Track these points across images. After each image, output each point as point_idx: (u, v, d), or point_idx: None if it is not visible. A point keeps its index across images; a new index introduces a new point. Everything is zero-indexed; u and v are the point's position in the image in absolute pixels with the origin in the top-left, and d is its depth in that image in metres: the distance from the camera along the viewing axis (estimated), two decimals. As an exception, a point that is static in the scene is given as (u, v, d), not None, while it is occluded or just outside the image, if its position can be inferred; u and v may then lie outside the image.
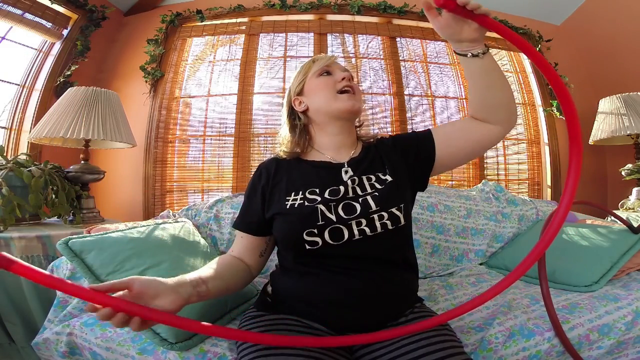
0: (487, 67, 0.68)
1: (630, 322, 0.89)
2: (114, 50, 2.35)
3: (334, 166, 0.80)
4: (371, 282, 0.69)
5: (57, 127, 1.47)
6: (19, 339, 1.21)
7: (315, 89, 0.82)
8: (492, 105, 0.71)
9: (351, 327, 0.69)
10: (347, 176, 0.77)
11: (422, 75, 2.42)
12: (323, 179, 0.77)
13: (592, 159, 2.42)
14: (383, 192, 0.73)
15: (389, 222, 0.70)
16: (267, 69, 2.34)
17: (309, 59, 0.87)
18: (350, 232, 0.69)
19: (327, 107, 0.80)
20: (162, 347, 0.76)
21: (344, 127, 0.82)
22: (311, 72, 0.84)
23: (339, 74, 0.82)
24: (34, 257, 1.23)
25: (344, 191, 0.74)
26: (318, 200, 0.72)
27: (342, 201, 0.72)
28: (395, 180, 0.75)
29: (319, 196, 0.73)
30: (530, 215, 1.55)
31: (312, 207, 0.71)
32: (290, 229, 0.71)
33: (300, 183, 0.77)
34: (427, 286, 1.18)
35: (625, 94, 1.95)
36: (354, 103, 0.79)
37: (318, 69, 0.83)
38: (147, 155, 2.17)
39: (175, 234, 1.08)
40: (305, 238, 0.69)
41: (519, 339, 0.83)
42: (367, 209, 0.70)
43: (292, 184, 0.77)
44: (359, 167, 0.79)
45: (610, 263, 1.10)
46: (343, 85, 0.80)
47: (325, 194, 0.73)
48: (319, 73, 0.83)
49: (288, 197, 0.75)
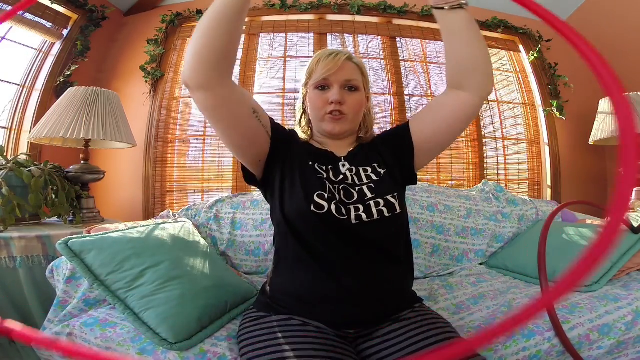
0: (467, 21, 0.66)
1: (631, 322, 0.89)
2: (114, 50, 2.35)
3: (334, 157, 0.84)
4: (365, 277, 0.71)
5: (57, 127, 1.47)
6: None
7: (310, 101, 0.84)
8: (468, 66, 0.70)
9: (351, 324, 0.70)
10: (344, 169, 0.81)
11: (422, 75, 2.42)
12: (326, 163, 0.81)
13: (592, 159, 2.42)
14: (378, 182, 0.77)
15: (385, 209, 0.73)
16: (267, 69, 2.34)
17: (318, 54, 0.85)
18: (349, 214, 0.72)
19: (315, 124, 0.86)
20: (161, 347, 0.76)
21: (337, 137, 0.86)
22: (314, 76, 0.82)
23: (333, 93, 0.80)
24: (33, 257, 1.23)
25: (343, 177, 0.79)
26: (325, 176, 0.77)
27: (341, 184, 0.77)
28: (389, 172, 0.79)
29: (325, 173, 0.78)
30: (530, 216, 1.55)
31: (322, 179, 0.76)
32: (304, 185, 0.73)
33: (312, 157, 0.81)
34: (427, 286, 1.18)
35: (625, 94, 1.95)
36: (333, 127, 0.81)
37: (317, 79, 0.81)
38: (147, 155, 2.17)
39: (175, 234, 1.08)
40: (315, 199, 0.71)
41: (519, 339, 0.83)
42: (363, 197, 0.74)
43: (306, 155, 0.82)
44: (355, 159, 0.83)
45: (610, 263, 1.10)
46: (330, 109, 0.80)
47: (330, 173, 0.79)
48: (316, 85, 0.82)
49: (303, 163, 0.79)
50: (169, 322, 0.78)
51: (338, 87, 0.80)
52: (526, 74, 2.51)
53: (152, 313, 0.80)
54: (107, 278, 0.86)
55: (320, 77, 0.80)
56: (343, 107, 0.80)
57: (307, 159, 0.80)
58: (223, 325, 0.87)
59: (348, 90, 0.82)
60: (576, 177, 2.37)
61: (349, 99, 0.81)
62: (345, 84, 0.81)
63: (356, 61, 0.85)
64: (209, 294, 0.89)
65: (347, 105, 0.81)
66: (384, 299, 0.72)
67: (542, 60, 2.42)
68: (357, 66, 0.85)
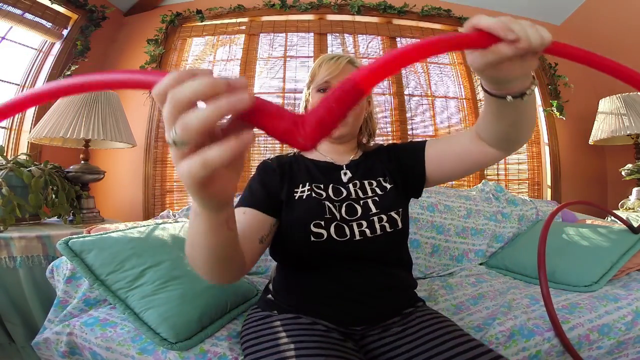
0: (529, 106, 0.53)
1: (630, 322, 0.89)
2: (114, 50, 2.35)
3: (335, 167, 0.82)
4: (368, 276, 0.72)
5: (57, 127, 1.47)
6: (19, 339, 1.21)
7: (312, 104, 0.84)
8: (510, 139, 0.61)
9: (357, 321, 0.70)
10: (346, 177, 0.80)
11: (422, 75, 2.42)
12: (326, 176, 0.80)
13: (592, 159, 2.42)
14: (383, 197, 0.76)
15: (387, 225, 0.73)
16: (267, 69, 2.34)
17: (320, 58, 0.85)
18: (352, 232, 0.71)
19: None
20: (162, 347, 0.76)
21: (339, 141, 0.85)
22: (316, 79, 0.82)
23: None
24: (34, 257, 1.23)
25: (347, 193, 0.77)
26: (324, 196, 0.75)
27: (345, 202, 0.75)
28: (395, 187, 0.78)
29: (323, 191, 0.76)
30: (530, 216, 1.55)
31: (321, 201, 0.73)
32: (299, 218, 0.72)
33: (306, 177, 0.79)
34: (427, 286, 1.18)
35: (625, 94, 1.95)
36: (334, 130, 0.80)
37: (319, 82, 0.81)
38: (147, 155, 2.17)
39: (175, 234, 1.08)
40: (312, 229, 0.70)
41: (519, 339, 0.83)
42: (367, 212, 0.73)
43: (299, 177, 0.79)
44: (358, 170, 0.81)
45: (610, 263, 1.10)
46: None
47: (329, 190, 0.77)
48: (318, 88, 0.82)
49: (296, 189, 0.76)
50: (170, 322, 0.78)
51: None
52: (526, 74, 2.51)
53: (152, 313, 0.80)
54: (108, 278, 0.86)
55: (322, 80, 0.81)
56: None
57: (304, 181, 0.78)
58: (223, 325, 0.87)
59: None
60: (576, 177, 2.37)
61: None
62: None
63: (358, 65, 0.85)
64: (209, 294, 0.89)
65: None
66: (389, 296, 0.73)
67: (542, 60, 2.42)
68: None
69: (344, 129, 0.81)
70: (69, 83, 0.29)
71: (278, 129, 0.28)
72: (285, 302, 0.74)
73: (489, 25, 0.36)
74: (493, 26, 0.36)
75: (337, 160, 0.84)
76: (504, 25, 0.36)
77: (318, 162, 0.83)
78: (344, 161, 0.84)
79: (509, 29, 0.36)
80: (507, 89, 0.46)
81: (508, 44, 0.36)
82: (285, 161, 0.83)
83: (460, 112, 2.39)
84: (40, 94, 0.29)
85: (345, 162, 0.83)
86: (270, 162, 0.82)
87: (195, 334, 0.80)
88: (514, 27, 0.36)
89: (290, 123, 0.28)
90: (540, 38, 0.36)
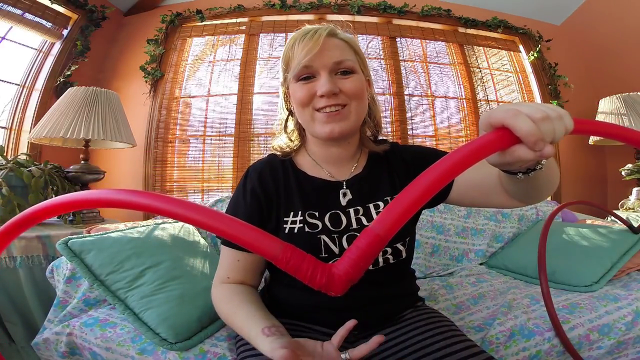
0: (548, 174, 0.49)
1: (630, 322, 0.89)
2: (114, 50, 2.35)
3: (332, 185, 0.69)
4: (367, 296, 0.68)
5: (57, 127, 1.47)
6: (19, 339, 1.21)
7: (293, 97, 0.66)
8: (531, 197, 0.58)
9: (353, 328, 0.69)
10: (345, 200, 0.68)
11: (422, 75, 2.42)
12: (321, 200, 0.68)
13: (592, 159, 2.42)
14: None
15: (391, 257, 0.66)
16: (267, 69, 2.34)
17: (292, 36, 0.65)
18: None
19: (306, 126, 0.67)
20: (162, 347, 0.76)
21: (338, 143, 0.69)
22: (292, 65, 0.63)
23: (321, 82, 0.61)
24: (33, 257, 1.23)
25: (347, 222, 0.66)
26: (320, 228, 0.65)
27: (345, 233, 0.65)
28: None
29: (319, 221, 0.65)
30: (530, 215, 1.55)
31: (315, 236, 0.64)
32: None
33: (299, 201, 0.67)
34: (427, 286, 1.18)
35: (625, 94, 1.95)
36: (332, 128, 0.62)
37: (297, 69, 0.62)
38: (147, 155, 2.17)
39: (175, 234, 1.08)
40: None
41: (519, 339, 0.83)
42: None
43: (289, 201, 0.67)
44: (361, 188, 0.69)
45: (610, 263, 1.10)
46: (321, 104, 0.62)
47: (325, 219, 0.66)
48: (297, 75, 0.63)
49: (286, 218, 0.66)
50: (169, 322, 0.78)
51: (326, 74, 0.61)
52: (526, 74, 2.51)
53: (152, 313, 0.80)
54: (107, 278, 0.86)
55: (300, 65, 0.61)
56: (339, 98, 0.62)
57: (295, 208, 0.66)
58: (223, 325, 0.87)
59: (341, 74, 0.63)
60: (576, 177, 2.37)
61: (344, 85, 0.62)
62: (335, 68, 0.62)
63: (343, 36, 0.66)
64: (209, 294, 0.89)
65: (344, 94, 0.62)
66: (390, 305, 0.71)
67: (542, 60, 2.43)
68: (346, 42, 0.65)
69: (347, 122, 0.64)
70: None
71: (314, 286, 0.32)
72: (281, 307, 0.72)
73: (524, 135, 0.31)
74: (528, 138, 0.31)
75: (335, 174, 0.70)
76: (537, 136, 0.31)
77: (313, 178, 0.70)
78: (343, 175, 0.71)
79: (542, 140, 0.31)
80: (517, 169, 0.44)
81: (531, 148, 0.31)
82: (272, 177, 0.69)
83: (460, 112, 2.39)
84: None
85: (345, 176, 0.70)
86: (253, 187, 0.68)
87: (194, 334, 0.80)
88: (545, 131, 0.31)
89: (324, 282, 0.32)
90: (565, 130, 0.33)
